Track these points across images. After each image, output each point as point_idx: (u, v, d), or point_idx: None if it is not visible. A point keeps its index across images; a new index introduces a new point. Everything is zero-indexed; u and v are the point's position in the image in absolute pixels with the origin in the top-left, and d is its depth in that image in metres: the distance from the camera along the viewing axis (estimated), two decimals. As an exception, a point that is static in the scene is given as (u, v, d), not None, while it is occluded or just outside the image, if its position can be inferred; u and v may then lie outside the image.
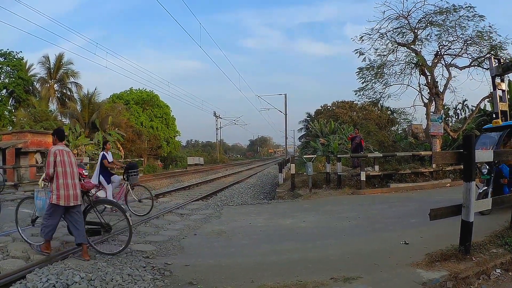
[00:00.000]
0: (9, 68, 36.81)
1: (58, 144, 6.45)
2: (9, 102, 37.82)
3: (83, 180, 6.94)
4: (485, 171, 8.75)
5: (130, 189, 10.92)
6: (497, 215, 7.67)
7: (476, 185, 8.80)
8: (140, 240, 7.61)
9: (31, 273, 5.21)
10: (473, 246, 5.53)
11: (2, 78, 36.56)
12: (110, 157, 10.86)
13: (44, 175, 6.41)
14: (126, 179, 10.92)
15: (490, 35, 17.81)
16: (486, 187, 8.67)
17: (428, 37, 19.48)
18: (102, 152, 10.82)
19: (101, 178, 10.56)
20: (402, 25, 19.48)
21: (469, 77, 19.15)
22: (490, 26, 17.81)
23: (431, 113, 18.80)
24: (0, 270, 5.69)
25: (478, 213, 7.62)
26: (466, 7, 17.76)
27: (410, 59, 19.98)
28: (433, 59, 19.58)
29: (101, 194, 10.41)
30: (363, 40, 20.17)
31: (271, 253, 6.51)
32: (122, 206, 7.82)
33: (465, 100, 25.33)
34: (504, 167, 8.91)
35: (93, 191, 9.81)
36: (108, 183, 10.57)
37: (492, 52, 17.42)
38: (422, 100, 20.71)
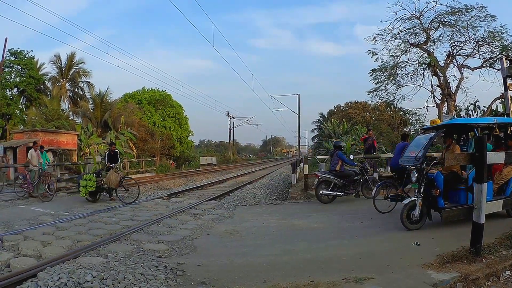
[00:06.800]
0: (20, 67, 36.84)
1: None
2: (21, 101, 37.85)
3: None
4: (413, 178, 7.63)
5: None
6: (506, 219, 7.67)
7: (407, 194, 8.50)
8: (152, 240, 7.70)
9: (42, 271, 5.25)
10: (483, 247, 5.56)
11: (13, 77, 36.61)
12: None
13: None
14: None
15: (502, 35, 17.83)
16: (414, 198, 7.61)
17: (440, 38, 19.58)
18: None
19: None
20: (414, 25, 19.57)
21: (481, 77, 19.21)
22: (501, 27, 17.83)
23: (443, 114, 18.77)
24: (11, 268, 5.75)
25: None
26: (478, 7, 17.79)
27: (423, 59, 20.01)
28: (445, 59, 19.63)
29: None
30: (376, 40, 20.30)
31: (284, 253, 6.56)
32: None
33: (477, 101, 25.28)
34: (438, 176, 7.61)
35: None
36: None
37: (503, 53, 17.39)
38: (435, 101, 20.75)
